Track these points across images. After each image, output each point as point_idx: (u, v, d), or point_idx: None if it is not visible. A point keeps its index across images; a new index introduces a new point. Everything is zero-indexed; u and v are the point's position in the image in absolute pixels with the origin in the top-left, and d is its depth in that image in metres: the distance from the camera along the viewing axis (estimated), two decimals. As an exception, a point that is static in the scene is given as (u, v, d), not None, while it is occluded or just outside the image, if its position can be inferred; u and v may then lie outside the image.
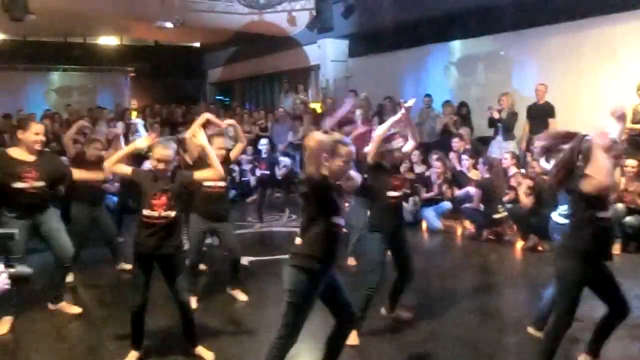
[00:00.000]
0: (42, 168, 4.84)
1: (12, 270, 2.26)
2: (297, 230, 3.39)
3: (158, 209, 3.97)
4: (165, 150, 4.00)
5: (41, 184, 4.83)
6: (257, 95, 19.12)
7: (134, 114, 13.32)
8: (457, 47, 11.98)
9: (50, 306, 5.29)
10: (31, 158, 4.81)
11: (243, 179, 11.72)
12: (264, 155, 9.60)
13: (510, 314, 5.25)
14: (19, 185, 4.72)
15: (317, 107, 13.72)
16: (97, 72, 18.54)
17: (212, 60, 20.08)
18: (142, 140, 4.37)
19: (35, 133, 4.80)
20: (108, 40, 19.36)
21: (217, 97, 20.08)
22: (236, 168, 11.24)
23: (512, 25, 10.39)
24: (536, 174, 7.58)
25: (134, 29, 16.48)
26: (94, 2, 12.47)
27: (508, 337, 4.64)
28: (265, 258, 7.07)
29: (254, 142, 11.31)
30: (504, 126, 9.45)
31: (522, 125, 9.62)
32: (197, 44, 20.37)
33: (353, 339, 4.17)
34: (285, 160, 9.83)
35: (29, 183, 4.75)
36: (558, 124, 8.91)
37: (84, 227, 6.02)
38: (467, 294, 5.78)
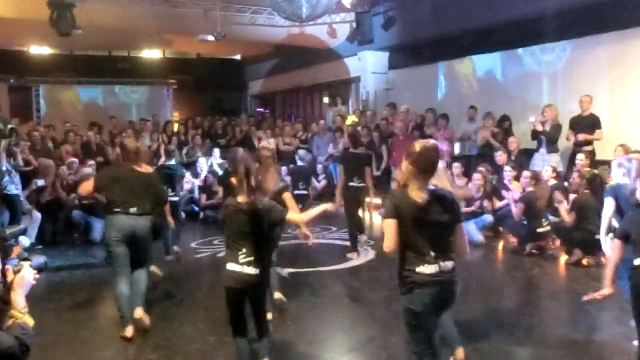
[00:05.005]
0: None
1: (30, 262, 2.54)
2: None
3: None
4: None
5: None
6: (297, 107, 19.25)
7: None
8: (499, 58, 11.83)
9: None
10: None
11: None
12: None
13: (554, 331, 5.12)
14: None
15: (353, 120, 13.59)
16: (141, 85, 18.94)
17: (253, 72, 20.29)
18: None
19: None
20: (151, 54, 19.78)
21: (257, 109, 20.30)
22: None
23: (555, 36, 10.23)
24: (578, 187, 7.39)
25: (177, 42, 16.82)
26: (138, 17, 12.75)
27: (552, 352, 4.53)
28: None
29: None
30: (548, 139, 9.26)
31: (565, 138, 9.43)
32: (238, 57, 20.65)
33: None
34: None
35: None
36: (604, 136, 8.79)
37: None
38: (510, 309, 5.67)
